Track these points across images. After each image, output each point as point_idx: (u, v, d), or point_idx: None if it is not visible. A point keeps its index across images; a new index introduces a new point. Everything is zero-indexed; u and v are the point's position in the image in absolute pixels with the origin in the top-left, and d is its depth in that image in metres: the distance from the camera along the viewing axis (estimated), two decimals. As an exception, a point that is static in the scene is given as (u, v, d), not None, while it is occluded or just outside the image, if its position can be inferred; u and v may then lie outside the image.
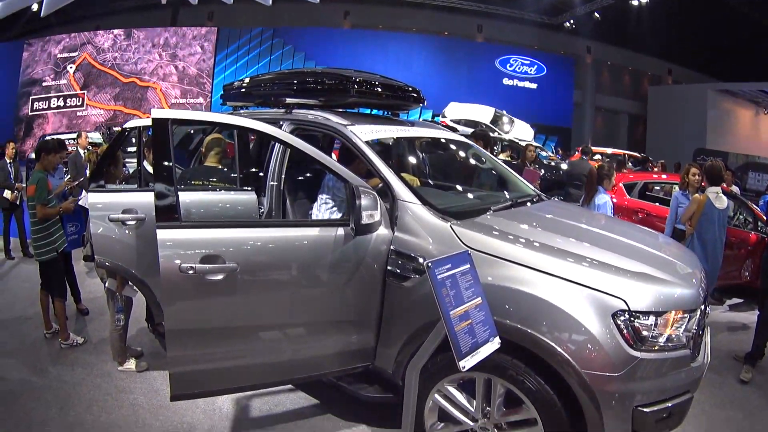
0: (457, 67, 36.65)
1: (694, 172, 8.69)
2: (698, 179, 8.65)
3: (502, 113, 26.15)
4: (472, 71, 36.94)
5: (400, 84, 6.25)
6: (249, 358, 4.34)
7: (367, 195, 4.25)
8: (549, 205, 5.96)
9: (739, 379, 6.80)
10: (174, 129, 4.24)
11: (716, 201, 7.66)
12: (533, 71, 38.71)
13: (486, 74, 37.30)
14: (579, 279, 3.85)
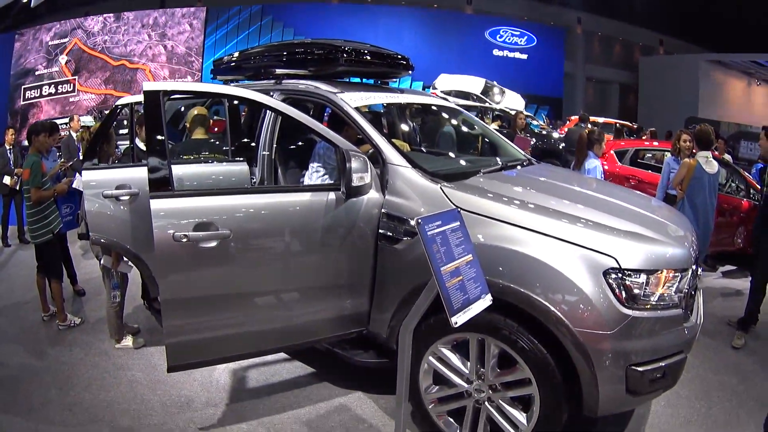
0: (446, 39, 36.52)
1: (685, 138, 8.74)
2: (689, 145, 8.69)
3: (492, 84, 26.11)
4: (462, 43, 36.82)
5: (388, 52, 6.25)
6: (244, 325, 4.36)
7: (356, 158, 4.28)
8: (539, 168, 5.99)
9: (732, 345, 6.89)
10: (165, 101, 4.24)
11: (706, 165, 7.67)
12: (523, 42, 38.61)
13: (476, 46, 37.20)
14: (569, 238, 3.86)
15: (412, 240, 4.31)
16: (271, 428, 4.67)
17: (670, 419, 5.09)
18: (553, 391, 3.85)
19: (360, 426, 4.73)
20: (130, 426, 4.67)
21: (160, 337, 6.12)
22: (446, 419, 4.39)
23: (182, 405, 4.99)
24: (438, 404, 4.39)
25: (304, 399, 5.12)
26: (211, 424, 4.72)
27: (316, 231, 4.41)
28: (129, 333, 6.21)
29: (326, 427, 4.70)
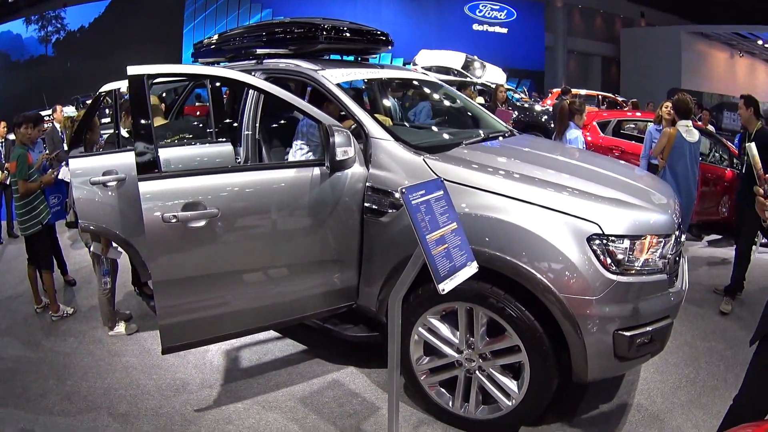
0: (426, 15, 36.61)
1: (667, 105, 8.80)
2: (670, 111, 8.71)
3: (473, 58, 26.10)
4: (442, 18, 36.92)
5: (368, 28, 6.27)
6: (235, 303, 4.40)
7: (339, 132, 4.34)
8: (521, 138, 6.07)
9: (720, 310, 6.99)
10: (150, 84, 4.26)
11: (687, 134, 7.69)
12: (503, 16, 38.75)
13: (456, 21, 37.33)
14: (553, 205, 3.92)
15: (397, 212, 4.36)
16: (266, 406, 4.73)
17: (660, 385, 5.17)
18: (543, 358, 3.91)
19: (353, 400, 4.80)
20: (127, 411, 4.71)
21: (152, 322, 6.20)
22: (438, 390, 4.46)
23: (178, 388, 5.04)
24: (429, 375, 4.46)
25: (297, 376, 5.18)
26: (208, 405, 4.78)
27: (302, 207, 4.45)
28: (121, 319, 6.25)
29: (320, 403, 4.76)
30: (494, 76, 25.26)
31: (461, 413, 4.35)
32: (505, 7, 38.75)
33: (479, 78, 24.33)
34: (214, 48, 6.58)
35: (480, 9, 38.25)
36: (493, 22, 38.55)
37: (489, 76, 24.98)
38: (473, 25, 38.11)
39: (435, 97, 7.29)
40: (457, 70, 24.52)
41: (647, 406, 4.85)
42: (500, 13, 38.63)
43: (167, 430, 4.46)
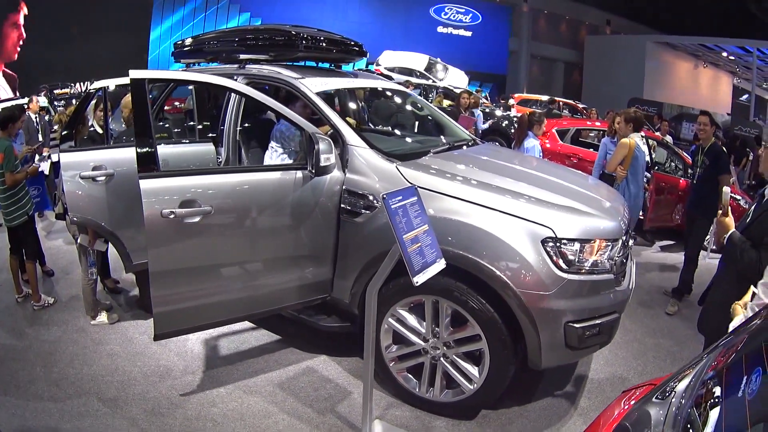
0: (392, 16, 36.64)
1: (619, 120, 8.95)
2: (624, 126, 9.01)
3: (436, 61, 26.35)
4: (407, 20, 36.98)
5: (343, 38, 6.64)
6: (223, 294, 4.74)
7: (323, 140, 4.68)
8: (483, 147, 6.46)
9: (665, 312, 7.47)
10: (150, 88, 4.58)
11: (642, 146, 8.06)
12: (468, 19, 38.89)
13: (420, 23, 37.41)
14: (512, 210, 4.35)
15: (371, 213, 4.77)
16: (246, 391, 5.04)
17: (609, 376, 5.62)
18: (501, 346, 4.33)
19: (327, 385, 5.15)
20: (116, 396, 4.92)
21: (133, 312, 6.47)
22: (405, 375, 4.84)
23: (162, 374, 5.28)
24: (398, 362, 4.84)
25: (273, 363, 5.50)
26: (192, 389, 5.05)
27: (286, 206, 4.80)
28: (103, 309, 6.40)
29: (297, 388, 5.09)
30: (456, 79, 25.54)
31: (427, 396, 4.74)
32: (471, 11, 38.86)
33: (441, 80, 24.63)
34: (194, 49, 6.81)
35: (445, 12, 38.36)
36: (458, 25, 38.72)
37: (451, 79, 25.26)
38: (438, 27, 38.26)
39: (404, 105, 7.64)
40: (420, 72, 24.78)
41: (596, 394, 5.27)
42: (465, 17, 38.77)
43: (155, 413, 4.71)
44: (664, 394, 2.16)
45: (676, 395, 2.05)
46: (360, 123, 7.03)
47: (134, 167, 4.34)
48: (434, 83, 23.52)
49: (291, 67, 6.01)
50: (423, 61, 25.88)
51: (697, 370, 2.10)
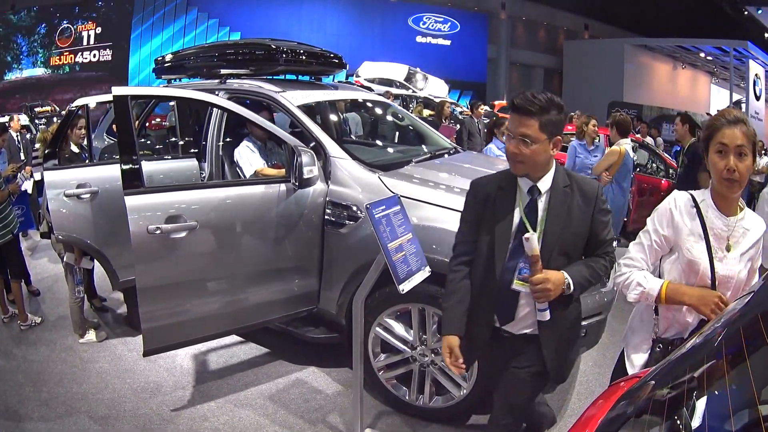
0: (370, 27, 36.68)
1: (594, 123, 8.98)
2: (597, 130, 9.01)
3: (416, 70, 26.42)
4: (385, 30, 37.03)
5: (323, 51, 6.69)
6: (211, 308, 4.75)
7: (305, 153, 4.72)
8: (464, 155, 6.53)
9: None
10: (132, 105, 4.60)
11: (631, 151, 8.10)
12: (447, 28, 38.98)
13: (399, 33, 37.45)
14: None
15: (355, 224, 4.81)
16: (237, 404, 5.04)
17: (598, 377, 5.64)
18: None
19: (317, 396, 5.16)
20: (106, 414, 4.90)
21: (121, 329, 6.43)
22: (395, 383, 4.86)
23: (152, 390, 5.27)
24: (387, 370, 4.85)
25: (263, 376, 5.50)
26: (183, 405, 5.04)
27: (271, 219, 4.83)
28: (90, 327, 6.36)
29: (287, 400, 5.10)
30: (436, 89, 25.62)
31: (417, 404, 4.75)
32: (449, 20, 38.94)
33: (421, 90, 24.70)
34: (175, 65, 6.89)
35: (424, 21, 38.41)
36: (437, 34, 38.79)
37: (431, 89, 25.35)
38: (417, 37, 38.29)
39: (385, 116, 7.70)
40: (400, 82, 24.84)
41: (586, 395, 5.28)
42: (444, 26, 38.84)
43: (147, 429, 4.70)
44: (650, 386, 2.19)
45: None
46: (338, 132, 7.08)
47: (118, 184, 4.38)
48: (414, 93, 23.57)
49: (272, 81, 6.05)
50: (403, 72, 25.94)
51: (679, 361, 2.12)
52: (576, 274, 3.02)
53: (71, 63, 33.14)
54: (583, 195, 3.07)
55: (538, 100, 2.87)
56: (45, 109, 20.62)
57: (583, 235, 3.10)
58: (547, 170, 3.05)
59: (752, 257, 2.88)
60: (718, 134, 2.74)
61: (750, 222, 2.87)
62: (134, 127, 4.57)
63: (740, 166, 2.68)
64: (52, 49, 33.26)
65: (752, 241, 2.85)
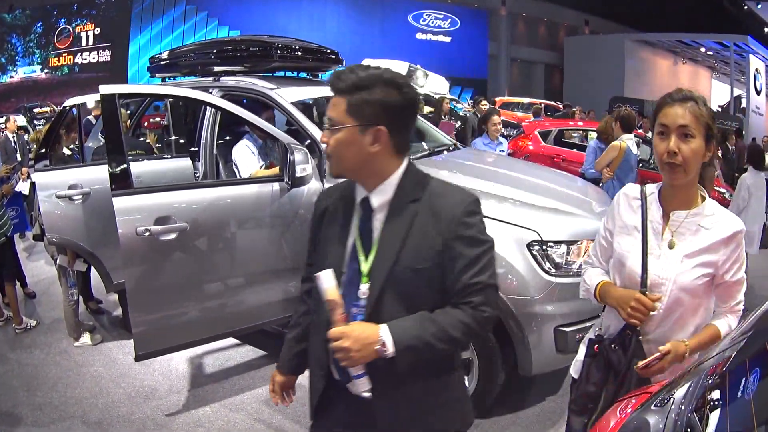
0: (370, 25, 36.58)
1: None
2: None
3: (416, 68, 26.30)
4: (386, 28, 36.92)
5: (318, 47, 6.59)
6: (203, 311, 4.66)
7: (298, 151, 4.62)
8: (465, 152, 6.43)
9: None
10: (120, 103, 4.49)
11: (633, 147, 7.98)
12: (447, 25, 38.90)
13: (399, 30, 37.33)
14: (495, 215, 4.25)
15: None
16: (232, 408, 4.96)
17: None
18: (490, 354, 4.26)
19: (314, 399, 5.05)
20: (100, 419, 4.84)
21: (116, 332, 6.36)
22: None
23: (147, 395, 5.19)
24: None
25: (259, 379, 5.41)
26: (177, 409, 4.96)
27: (264, 219, 4.75)
28: (86, 330, 6.29)
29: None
30: (437, 86, 25.54)
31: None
32: (449, 16, 38.86)
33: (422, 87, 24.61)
34: (170, 63, 6.79)
35: (424, 18, 38.31)
36: (437, 31, 38.70)
37: (432, 86, 25.26)
38: (417, 34, 38.19)
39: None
40: (401, 80, 24.77)
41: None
42: (444, 22, 38.76)
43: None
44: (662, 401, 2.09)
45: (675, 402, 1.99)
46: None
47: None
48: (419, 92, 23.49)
49: (267, 77, 5.96)
50: (403, 69, 25.79)
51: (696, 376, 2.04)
52: (402, 331, 2.09)
53: (70, 64, 33.00)
54: (435, 214, 2.20)
55: (351, 74, 2.14)
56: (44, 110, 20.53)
57: (429, 272, 2.17)
58: (381, 177, 2.23)
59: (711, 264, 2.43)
60: (660, 114, 2.45)
61: (713, 221, 2.44)
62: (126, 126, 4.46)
63: (683, 149, 2.34)
64: (49, 49, 33.10)
65: (707, 243, 2.42)
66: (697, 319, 2.52)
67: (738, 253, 2.44)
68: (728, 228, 2.43)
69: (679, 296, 2.45)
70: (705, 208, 2.47)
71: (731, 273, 2.45)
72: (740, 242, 2.44)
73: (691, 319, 2.52)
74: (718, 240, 2.42)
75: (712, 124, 2.39)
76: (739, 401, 1.62)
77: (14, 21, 33.47)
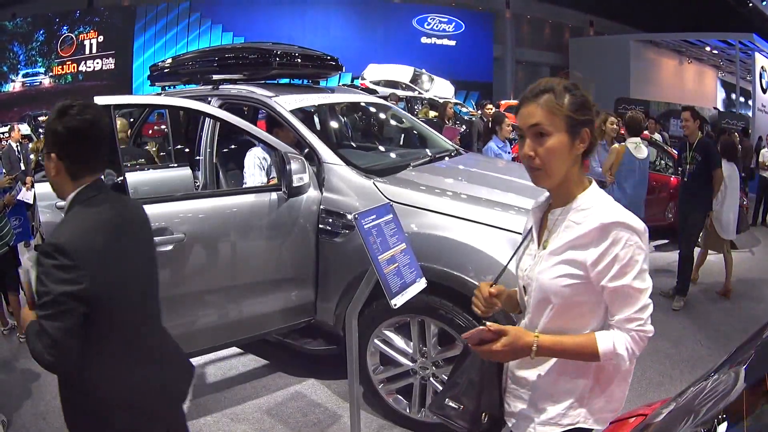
0: (374, 29, 36.61)
1: (612, 121, 8.86)
2: (616, 128, 8.90)
3: (421, 72, 26.39)
4: (390, 32, 36.95)
5: (318, 53, 6.56)
6: (202, 322, 4.62)
7: (295, 160, 4.58)
8: (466, 158, 6.36)
9: (672, 308, 7.57)
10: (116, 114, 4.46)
11: (635, 151, 7.85)
12: (451, 28, 38.87)
13: (404, 34, 37.34)
14: (495, 222, 4.23)
15: (350, 233, 4.63)
16: (234, 418, 4.93)
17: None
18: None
19: (316, 410, 5.03)
20: None
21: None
22: (396, 397, 4.72)
23: None
24: (387, 383, 4.72)
25: (261, 389, 5.38)
26: None
27: (262, 229, 4.71)
28: None
29: (285, 414, 4.98)
30: (442, 90, 25.58)
31: (419, 417, 4.61)
32: (453, 20, 38.84)
33: (427, 91, 24.63)
34: (170, 72, 6.76)
35: (428, 22, 38.31)
36: (441, 35, 38.69)
37: (437, 90, 25.29)
38: (421, 38, 38.18)
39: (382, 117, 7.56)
40: (405, 84, 24.79)
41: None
42: (448, 26, 38.74)
43: None
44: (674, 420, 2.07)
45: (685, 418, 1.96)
46: (339, 138, 6.93)
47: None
48: (420, 95, 23.48)
49: (266, 85, 5.93)
50: (408, 73, 25.90)
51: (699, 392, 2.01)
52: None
53: (74, 72, 33.08)
54: None
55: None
56: (49, 118, 20.54)
57: None
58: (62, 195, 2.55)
59: (577, 263, 2.15)
60: (517, 115, 2.22)
61: (586, 215, 2.17)
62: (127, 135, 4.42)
63: (539, 150, 2.13)
64: (52, 57, 33.19)
65: (571, 238, 2.16)
66: (592, 323, 2.22)
67: (617, 254, 2.09)
68: (595, 220, 2.13)
69: (543, 296, 2.23)
70: (580, 201, 2.22)
71: (608, 277, 2.10)
72: (620, 240, 2.09)
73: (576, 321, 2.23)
74: (582, 234, 2.14)
75: (576, 113, 2.14)
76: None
77: (15, 29, 33.53)
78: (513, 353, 2.21)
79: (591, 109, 2.21)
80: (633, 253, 2.08)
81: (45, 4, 33.63)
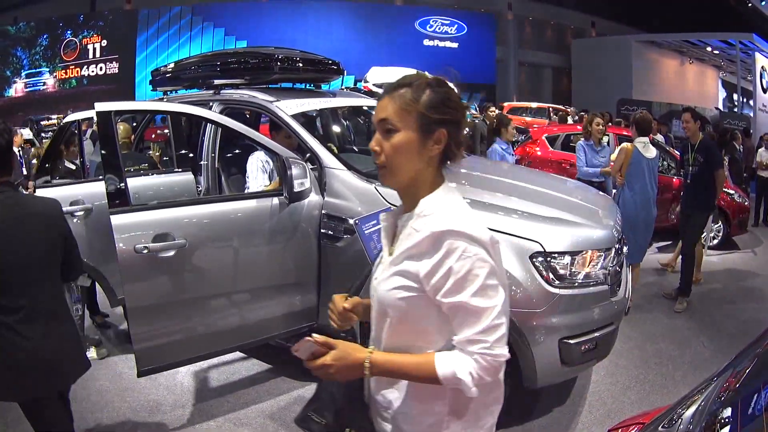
0: (377, 32, 36.54)
1: (597, 122, 8.82)
2: (602, 129, 8.89)
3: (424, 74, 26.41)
4: (393, 35, 36.87)
5: (320, 58, 6.56)
6: (205, 327, 4.63)
7: (296, 165, 4.59)
8: (470, 161, 6.34)
9: (674, 310, 7.53)
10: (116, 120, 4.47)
11: (644, 151, 7.81)
12: (454, 30, 38.83)
13: (406, 37, 37.27)
14: (498, 227, 4.17)
15: (352, 237, 4.63)
16: (237, 423, 4.93)
17: (610, 387, 5.50)
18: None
19: (319, 415, 5.03)
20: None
21: (122, 346, 6.31)
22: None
23: (152, 409, 5.18)
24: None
25: (264, 393, 5.38)
26: (182, 424, 4.94)
27: (263, 234, 4.72)
28: (91, 344, 6.27)
29: (288, 418, 4.96)
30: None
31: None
32: (456, 22, 38.79)
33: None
34: (172, 76, 6.78)
35: (431, 24, 38.25)
36: (444, 37, 38.61)
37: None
38: (424, 40, 38.13)
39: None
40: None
41: (598, 407, 5.16)
42: (451, 28, 38.69)
43: None
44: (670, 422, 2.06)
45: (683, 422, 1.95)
46: (342, 143, 6.93)
47: (111, 201, 4.26)
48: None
49: (268, 89, 5.92)
50: (410, 76, 25.88)
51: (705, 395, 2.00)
52: None
53: (78, 76, 33.12)
54: None
55: None
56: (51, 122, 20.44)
57: None
58: None
59: (411, 275, 1.97)
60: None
61: (425, 222, 1.98)
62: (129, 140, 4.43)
63: (384, 146, 2.00)
64: (56, 62, 33.23)
65: (408, 245, 1.99)
66: (440, 341, 2.02)
67: (450, 266, 1.89)
68: (427, 228, 1.94)
69: (381, 308, 2.11)
70: (422, 206, 2.03)
71: (442, 291, 1.91)
72: (454, 251, 1.90)
73: (420, 338, 2.04)
74: (416, 243, 1.96)
75: (430, 111, 2.00)
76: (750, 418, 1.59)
77: (18, 33, 33.57)
78: (346, 369, 2.05)
79: (455, 108, 2.08)
80: (471, 266, 1.88)
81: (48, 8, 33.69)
